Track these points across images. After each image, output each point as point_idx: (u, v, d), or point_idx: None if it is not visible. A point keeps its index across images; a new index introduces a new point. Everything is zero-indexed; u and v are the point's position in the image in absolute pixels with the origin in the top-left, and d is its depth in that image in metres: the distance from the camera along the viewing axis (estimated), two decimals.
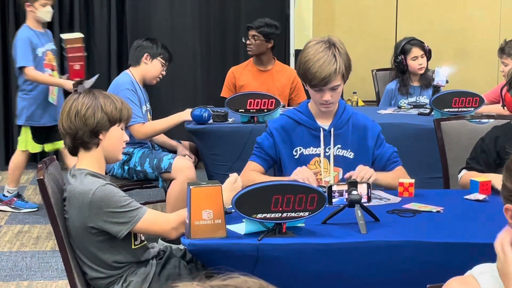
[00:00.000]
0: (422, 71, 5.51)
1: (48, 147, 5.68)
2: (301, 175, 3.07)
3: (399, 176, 3.27)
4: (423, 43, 5.56)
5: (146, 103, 4.89)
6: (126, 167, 4.68)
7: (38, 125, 5.54)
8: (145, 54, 4.78)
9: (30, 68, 5.45)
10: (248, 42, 5.63)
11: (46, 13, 5.54)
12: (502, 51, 5.37)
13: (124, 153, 4.61)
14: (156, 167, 4.63)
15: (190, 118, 4.74)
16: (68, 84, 5.43)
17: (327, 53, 3.13)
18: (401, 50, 5.52)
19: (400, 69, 5.54)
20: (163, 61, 4.85)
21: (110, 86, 4.79)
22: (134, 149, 4.72)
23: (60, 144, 5.40)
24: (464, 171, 3.40)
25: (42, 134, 5.59)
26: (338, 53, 3.15)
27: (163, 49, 4.87)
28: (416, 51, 5.50)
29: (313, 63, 3.13)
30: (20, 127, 5.65)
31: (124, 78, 4.77)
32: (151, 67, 4.82)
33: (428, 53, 5.53)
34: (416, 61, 5.50)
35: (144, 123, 4.72)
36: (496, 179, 3.20)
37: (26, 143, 5.58)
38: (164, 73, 4.93)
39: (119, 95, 4.52)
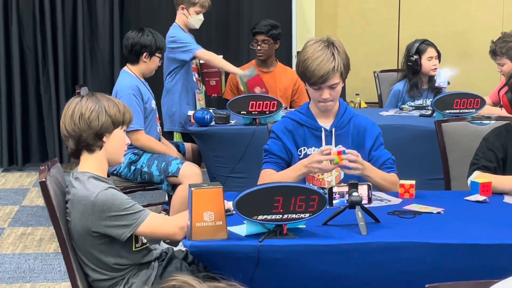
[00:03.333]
0: (435, 72, 5.45)
1: None
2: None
3: (391, 180, 3.26)
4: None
5: (153, 98, 4.85)
6: (132, 167, 4.67)
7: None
8: (144, 53, 4.75)
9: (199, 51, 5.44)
10: (258, 47, 5.60)
11: (198, 21, 5.54)
12: (494, 53, 5.24)
13: (134, 153, 4.64)
14: (163, 170, 4.62)
15: (175, 154, 4.77)
16: (238, 71, 5.43)
17: (325, 52, 3.15)
18: (416, 50, 5.48)
19: (413, 70, 5.48)
20: (161, 55, 4.84)
21: (113, 90, 4.78)
22: (144, 151, 4.74)
23: None
24: (476, 172, 3.32)
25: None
26: (337, 51, 3.17)
27: (157, 41, 4.80)
28: (431, 51, 5.47)
29: (312, 61, 3.15)
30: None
31: (126, 82, 4.72)
32: (150, 64, 4.79)
33: (439, 56, 5.52)
34: (431, 61, 5.47)
35: (143, 131, 4.68)
36: None
37: None
38: (160, 63, 4.91)
39: (122, 100, 4.55)
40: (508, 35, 5.19)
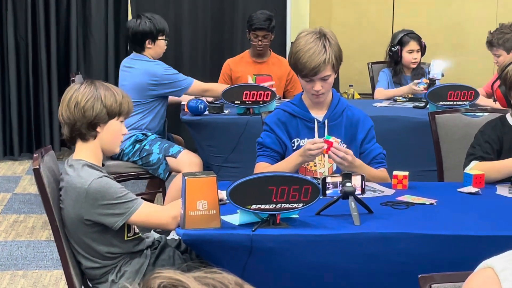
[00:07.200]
0: (414, 66, 5.54)
1: None
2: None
3: (379, 175, 3.26)
4: (421, 38, 5.58)
5: None
6: (137, 145, 4.74)
7: None
8: (147, 41, 4.84)
9: None
10: (259, 43, 5.55)
11: None
12: (490, 44, 5.25)
13: (143, 133, 4.77)
14: (164, 149, 4.70)
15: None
16: None
17: (317, 44, 3.15)
18: (399, 41, 5.53)
19: (393, 59, 5.57)
20: (164, 37, 4.92)
21: (144, 75, 4.83)
22: (152, 133, 4.84)
23: None
24: (474, 162, 3.28)
25: None
26: (329, 43, 3.16)
27: (156, 25, 4.86)
28: (413, 45, 5.52)
29: (303, 53, 3.15)
30: None
31: (153, 64, 4.86)
32: (156, 48, 4.93)
33: (423, 48, 5.55)
34: (411, 55, 5.52)
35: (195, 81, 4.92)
36: None
37: None
38: (166, 44, 5.01)
39: (166, 72, 4.77)
40: (505, 26, 5.20)
